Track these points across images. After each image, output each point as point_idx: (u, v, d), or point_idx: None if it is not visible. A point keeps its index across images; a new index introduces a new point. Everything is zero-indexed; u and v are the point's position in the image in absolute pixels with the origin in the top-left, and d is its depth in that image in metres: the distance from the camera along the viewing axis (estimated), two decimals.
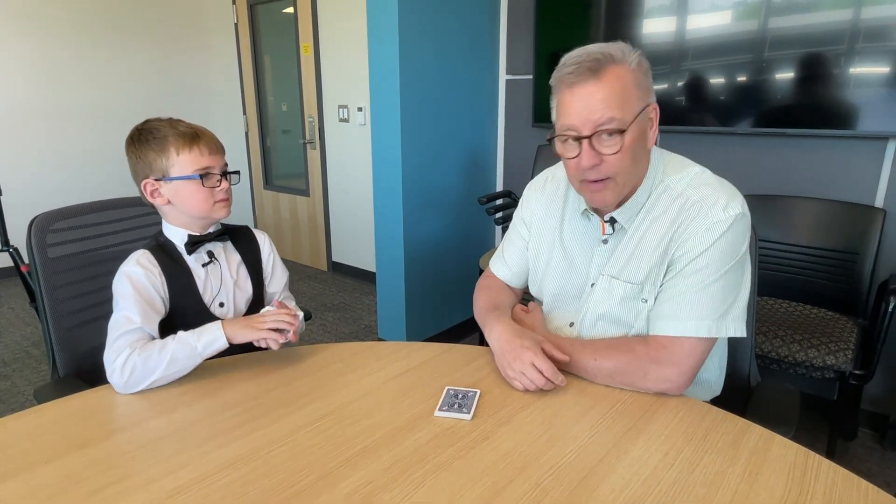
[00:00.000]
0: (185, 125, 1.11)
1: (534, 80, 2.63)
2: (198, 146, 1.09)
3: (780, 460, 0.80)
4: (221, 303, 1.17)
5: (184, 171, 1.09)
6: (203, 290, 1.15)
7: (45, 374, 2.61)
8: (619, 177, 0.95)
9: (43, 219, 1.24)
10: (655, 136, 0.97)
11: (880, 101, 1.82)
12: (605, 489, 0.74)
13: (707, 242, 0.93)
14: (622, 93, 0.90)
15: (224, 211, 1.15)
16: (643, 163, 0.99)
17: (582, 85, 0.90)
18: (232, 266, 1.21)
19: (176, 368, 0.99)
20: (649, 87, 0.95)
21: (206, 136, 1.12)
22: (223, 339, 1.01)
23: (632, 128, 0.91)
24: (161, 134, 1.08)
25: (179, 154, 1.08)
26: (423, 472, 0.77)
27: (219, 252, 1.19)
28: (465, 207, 2.80)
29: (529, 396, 0.96)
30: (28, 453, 0.81)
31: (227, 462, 0.79)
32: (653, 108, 0.95)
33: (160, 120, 1.11)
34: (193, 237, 1.14)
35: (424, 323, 2.74)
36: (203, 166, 1.10)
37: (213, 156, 1.11)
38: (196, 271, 1.15)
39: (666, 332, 0.95)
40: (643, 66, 0.94)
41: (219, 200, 1.13)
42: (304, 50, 3.79)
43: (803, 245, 1.98)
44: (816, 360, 1.63)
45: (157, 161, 1.09)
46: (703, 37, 2.13)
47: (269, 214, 4.55)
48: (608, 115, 0.89)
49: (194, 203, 1.11)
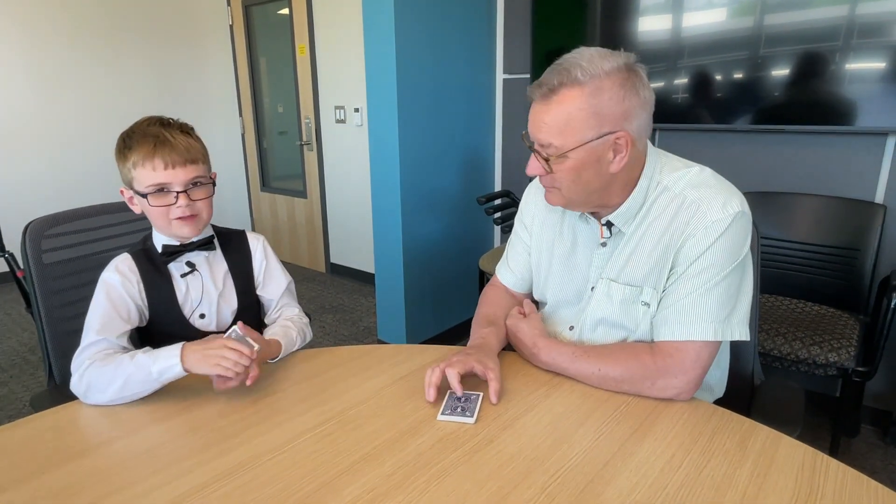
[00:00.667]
0: (156, 132, 1.02)
1: (531, 79, 2.62)
2: (151, 161, 1.00)
3: (788, 461, 0.79)
4: (202, 314, 1.13)
5: (139, 187, 1.02)
6: (183, 300, 1.11)
7: (43, 380, 2.59)
8: (563, 190, 0.97)
9: (38, 224, 1.23)
10: (622, 162, 0.92)
11: (879, 96, 1.81)
12: (611, 493, 0.73)
13: (706, 243, 0.92)
14: (566, 121, 0.89)
15: (186, 229, 1.05)
16: (600, 182, 0.95)
17: (537, 102, 0.93)
18: (217, 276, 1.15)
19: (133, 391, 0.93)
20: (621, 113, 0.89)
21: (168, 147, 1.01)
22: (179, 367, 0.91)
23: (574, 153, 0.91)
24: (130, 142, 1.02)
25: (136, 168, 1.01)
26: (426, 478, 0.75)
27: (201, 262, 1.13)
28: (463, 208, 2.79)
29: (533, 399, 0.95)
30: (24, 464, 0.79)
31: (226, 470, 0.77)
32: (621, 135, 0.90)
33: (146, 121, 1.05)
34: (169, 247, 1.09)
35: (424, 324, 2.73)
36: (156, 183, 1.01)
37: (171, 170, 1.01)
38: (177, 281, 1.11)
39: (671, 338, 0.94)
40: (612, 93, 0.87)
41: (177, 218, 1.04)
42: (300, 51, 3.78)
43: (803, 242, 1.97)
44: (819, 357, 1.63)
45: (122, 171, 1.04)
46: (699, 34, 2.12)
47: (266, 217, 4.54)
48: (547, 139, 0.92)
49: (153, 219, 1.06)
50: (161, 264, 1.09)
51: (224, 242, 1.17)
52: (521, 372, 1.04)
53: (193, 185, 1.04)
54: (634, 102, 0.90)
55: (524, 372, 1.04)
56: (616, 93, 0.88)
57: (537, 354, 1.04)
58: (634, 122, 0.91)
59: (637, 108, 0.90)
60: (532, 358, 1.06)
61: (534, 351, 1.04)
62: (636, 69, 0.90)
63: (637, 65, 0.91)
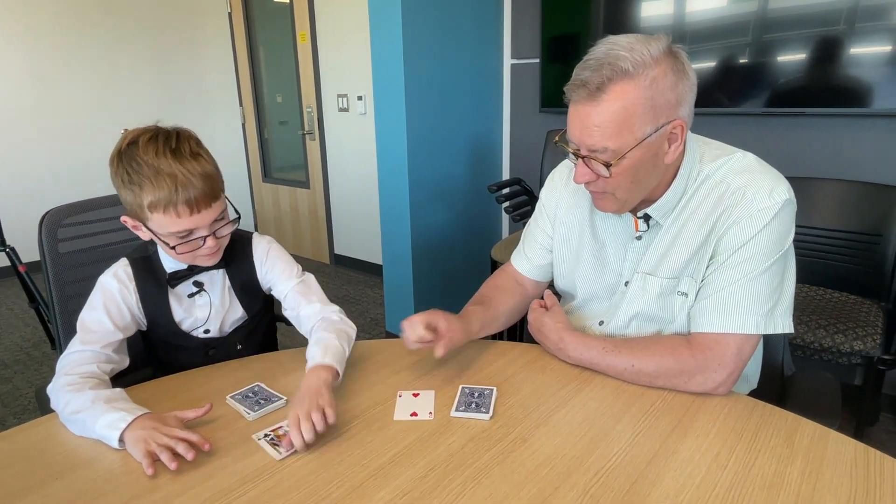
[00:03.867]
0: (170, 168, 0.88)
1: (540, 63, 2.56)
2: (174, 207, 0.88)
3: (840, 458, 0.75)
4: (207, 329, 1.08)
5: (159, 230, 0.92)
6: (183, 317, 1.06)
7: (47, 375, 2.56)
8: (617, 193, 0.90)
9: (55, 213, 1.21)
10: (678, 151, 0.88)
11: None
12: (658, 494, 0.69)
13: (752, 231, 0.87)
14: (623, 119, 0.82)
15: (210, 261, 0.99)
16: (654, 177, 0.90)
17: (581, 104, 0.84)
18: (224, 290, 1.09)
19: (75, 431, 0.83)
20: (675, 100, 0.83)
21: (188, 187, 0.88)
22: (115, 442, 0.78)
23: (632, 153, 0.84)
24: (136, 177, 0.88)
25: (153, 212, 0.89)
26: (461, 480, 0.72)
27: (210, 279, 1.07)
28: (472, 196, 2.74)
29: (564, 394, 0.91)
30: (25, 474, 0.75)
31: (248, 475, 0.74)
32: (676, 124, 0.85)
33: (147, 144, 0.89)
34: (177, 272, 1.02)
35: None
36: (180, 230, 0.91)
37: (195, 215, 0.90)
38: (181, 298, 1.05)
39: (710, 330, 0.89)
40: (666, 80, 0.82)
41: (203, 255, 0.97)
42: (301, 38, 3.70)
43: (823, 228, 1.92)
44: (844, 345, 1.59)
45: (131, 205, 0.92)
46: (709, 17, 2.07)
47: (268, 208, 4.48)
48: (601, 143, 0.84)
49: (173, 256, 0.98)
50: (161, 277, 1.03)
51: (230, 255, 1.07)
52: (548, 366, 1.00)
53: (218, 223, 0.96)
54: (686, 87, 0.85)
55: (552, 366, 1.00)
56: (669, 79, 0.82)
57: (565, 349, 0.99)
58: (686, 108, 0.86)
59: (687, 93, 0.85)
60: (559, 353, 1.01)
61: (560, 346, 1.00)
62: (678, 51, 0.85)
63: (677, 46, 0.85)
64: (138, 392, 0.94)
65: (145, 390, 0.95)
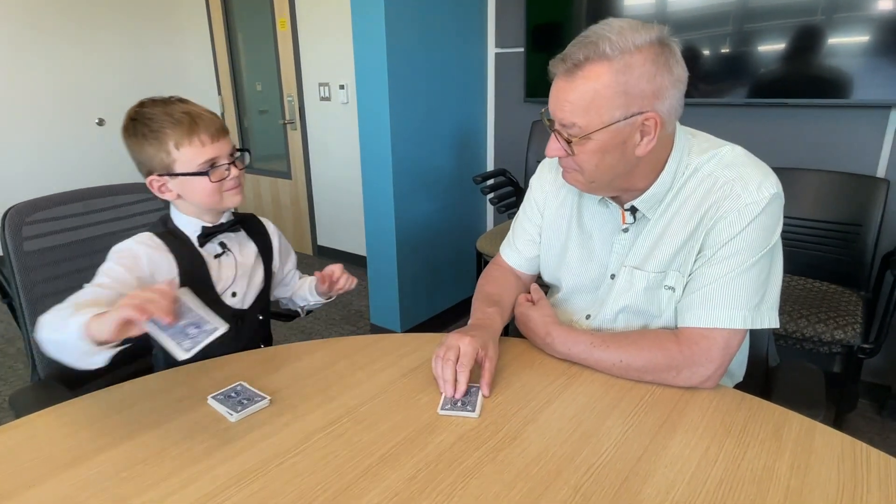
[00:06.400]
0: (181, 109, 1.00)
1: (525, 53, 2.53)
2: (198, 136, 0.99)
3: (827, 451, 0.75)
4: (234, 292, 1.12)
5: (188, 167, 1.00)
6: (216, 280, 1.09)
7: (22, 373, 2.49)
8: (584, 172, 0.91)
9: (18, 210, 1.14)
10: (650, 145, 0.86)
11: (882, 68, 1.78)
12: (649, 491, 0.68)
13: (740, 225, 0.87)
14: (590, 99, 0.82)
15: (237, 198, 1.07)
16: (624, 166, 0.89)
17: (559, 78, 0.86)
18: (247, 255, 1.15)
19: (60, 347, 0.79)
20: (651, 91, 0.82)
21: (205, 120, 1.01)
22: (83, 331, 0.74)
23: (598, 135, 0.84)
24: (156, 125, 0.98)
25: (179, 149, 0.99)
26: (451, 480, 0.70)
27: (232, 242, 1.13)
28: (456, 187, 2.72)
29: (552, 390, 0.90)
30: (11, 476, 0.72)
31: (233, 478, 0.71)
32: (650, 116, 0.83)
33: (153, 103, 1.01)
34: (207, 228, 1.07)
35: (418, 307, 2.68)
36: (207, 158, 1.00)
37: (216, 143, 1.01)
38: (209, 261, 1.09)
39: (697, 324, 0.89)
40: (643, 69, 0.80)
41: (229, 189, 1.05)
42: (281, 25, 3.62)
43: (805, 218, 1.94)
44: (825, 334, 1.61)
45: (156, 157, 1.00)
46: (691, 6, 2.06)
47: (249, 199, 4.41)
48: (570, 119, 0.85)
49: (203, 197, 1.03)
50: (191, 245, 1.07)
51: (244, 224, 1.17)
52: (536, 361, 1.00)
53: (234, 156, 1.06)
54: (666, 80, 0.83)
55: (539, 361, 1.00)
56: (647, 69, 0.81)
57: (552, 344, 0.99)
58: (665, 102, 0.84)
59: (669, 87, 0.83)
60: (546, 347, 1.00)
61: (547, 340, 0.99)
62: (670, 44, 0.83)
63: (671, 38, 0.84)
64: (116, 393, 0.91)
65: (123, 390, 0.92)
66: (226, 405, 0.86)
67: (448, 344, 0.90)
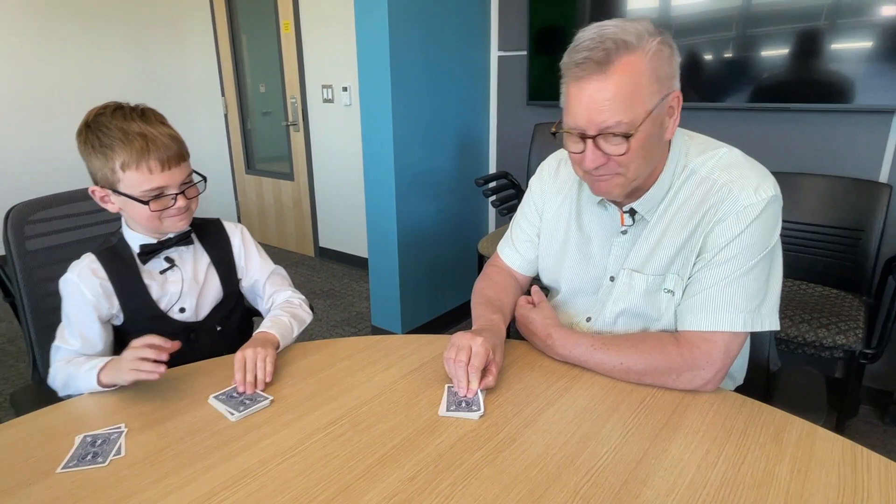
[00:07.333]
0: (138, 128, 0.94)
1: (528, 56, 2.53)
2: (146, 163, 0.93)
3: (827, 455, 0.75)
4: (182, 308, 1.08)
5: (130, 191, 0.95)
6: (159, 295, 1.06)
7: (24, 371, 2.49)
8: (628, 172, 0.88)
9: (21, 209, 1.15)
10: (676, 124, 0.89)
11: (884, 73, 1.77)
12: (649, 494, 0.68)
13: (738, 228, 0.87)
14: (633, 90, 0.81)
15: (180, 224, 1.02)
16: (659, 153, 0.90)
17: (588, 80, 0.81)
18: (199, 267, 1.10)
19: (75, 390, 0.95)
20: (672, 72, 0.85)
21: (159, 146, 0.94)
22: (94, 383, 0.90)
23: (644, 126, 0.83)
24: (107, 139, 0.93)
25: (125, 171, 0.94)
26: (450, 482, 0.70)
27: (180, 255, 1.08)
28: (458, 189, 2.72)
29: (553, 392, 0.90)
30: (11, 473, 0.73)
31: (231, 478, 0.72)
32: (674, 96, 0.86)
33: (114, 113, 0.96)
34: (147, 246, 1.03)
35: (420, 309, 2.67)
36: (153, 187, 0.95)
37: (166, 172, 0.95)
38: (153, 276, 1.06)
39: (697, 328, 0.89)
40: (663, 52, 0.83)
41: (171, 216, 1.00)
42: (285, 28, 3.63)
43: (807, 223, 1.94)
44: (827, 339, 1.61)
45: (101, 171, 0.96)
46: (694, 10, 2.07)
47: (251, 200, 4.42)
48: (615, 118, 0.81)
49: (142, 220, 0.99)
50: (132, 262, 1.04)
51: (201, 233, 1.12)
52: (536, 363, 1.00)
53: (186, 185, 1.00)
54: (677, 61, 0.86)
55: (540, 363, 1.00)
56: (665, 52, 0.84)
57: (553, 346, 0.99)
58: (678, 81, 0.87)
59: (677, 67, 0.87)
60: (547, 350, 1.00)
61: (548, 343, 0.99)
62: (662, 29, 0.86)
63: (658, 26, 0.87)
64: (112, 394, 0.91)
65: (120, 392, 0.92)
66: (227, 405, 0.86)
67: (459, 344, 0.90)
